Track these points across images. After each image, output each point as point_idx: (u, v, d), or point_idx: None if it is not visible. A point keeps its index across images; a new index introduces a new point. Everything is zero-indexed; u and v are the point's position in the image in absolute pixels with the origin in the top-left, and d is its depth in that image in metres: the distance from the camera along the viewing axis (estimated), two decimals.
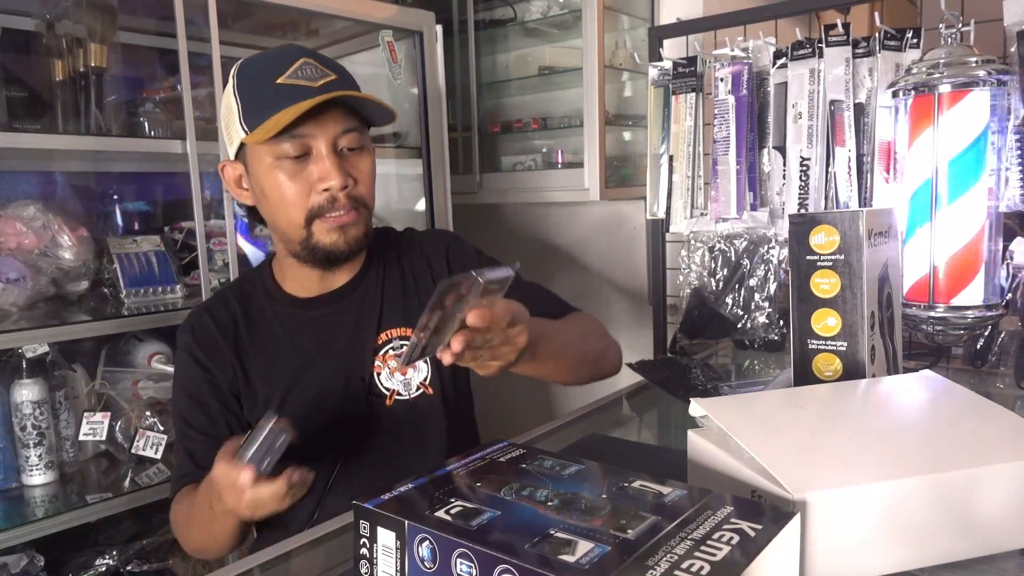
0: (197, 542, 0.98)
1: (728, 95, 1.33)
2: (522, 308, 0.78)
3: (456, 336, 0.70)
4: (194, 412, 1.01)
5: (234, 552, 1.00)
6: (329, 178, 0.93)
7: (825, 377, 0.83)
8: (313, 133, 0.93)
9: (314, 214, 0.95)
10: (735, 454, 0.62)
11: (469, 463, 0.64)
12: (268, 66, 0.94)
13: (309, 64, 0.94)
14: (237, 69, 0.97)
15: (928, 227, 1.03)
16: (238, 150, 0.98)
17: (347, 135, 0.95)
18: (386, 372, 1.03)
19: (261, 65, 0.95)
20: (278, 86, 0.92)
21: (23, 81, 1.50)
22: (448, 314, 0.68)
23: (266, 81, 0.93)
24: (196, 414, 1.01)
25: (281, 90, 0.91)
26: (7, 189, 1.63)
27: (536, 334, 0.84)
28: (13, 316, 1.36)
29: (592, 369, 1.08)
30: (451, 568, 0.50)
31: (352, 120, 0.96)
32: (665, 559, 0.46)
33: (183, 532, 0.99)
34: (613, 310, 2.22)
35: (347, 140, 0.95)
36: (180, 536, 1.00)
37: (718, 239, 1.41)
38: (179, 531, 0.99)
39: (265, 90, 0.92)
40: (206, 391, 1.01)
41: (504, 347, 0.77)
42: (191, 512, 0.94)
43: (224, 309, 1.05)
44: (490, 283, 0.69)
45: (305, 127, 0.92)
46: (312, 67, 0.94)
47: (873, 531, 0.56)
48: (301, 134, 0.92)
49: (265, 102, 0.92)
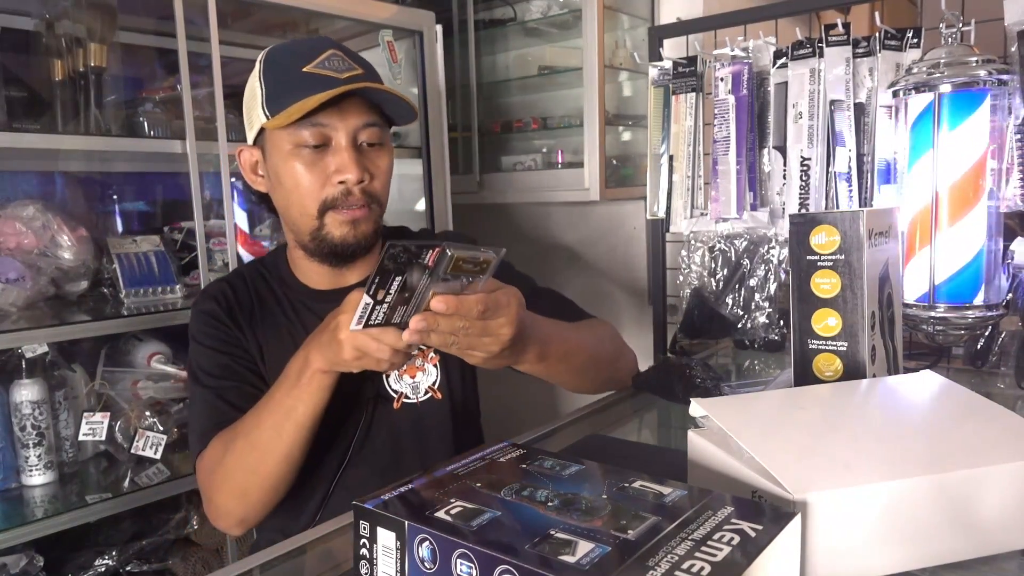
0: (246, 469, 0.88)
1: (728, 95, 1.33)
2: (511, 301, 0.76)
3: (416, 316, 0.69)
4: (223, 363, 0.99)
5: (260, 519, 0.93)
6: (346, 171, 0.93)
7: (825, 377, 0.83)
8: (334, 124, 0.92)
9: (328, 205, 0.94)
10: (735, 454, 0.62)
11: (469, 463, 0.64)
12: (296, 54, 0.94)
13: (337, 56, 0.94)
14: (264, 55, 0.97)
15: None
16: (257, 135, 0.98)
17: (367, 129, 0.95)
18: (395, 375, 1.02)
19: (289, 53, 0.95)
20: (304, 74, 0.92)
21: (23, 81, 1.50)
22: (414, 285, 0.66)
23: (292, 68, 0.93)
24: (226, 364, 0.98)
25: (306, 78, 0.91)
26: (6, 189, 1.63)
27: (543, 334, 0.84)
28: (12, 316, 1.36)
29: (605, 376, 1.08)
30: (451, 568, 0.50)
31: (374, 115, 0.96)
32: (665, 559, 0.46)
33: (228, 465, 0.89)
34: (613, 310, 2.22)
35: (367, 135, 0.95)
36: (219, 478, 0.90)
37: (718, 239, 1.41)
38: (219, 470, 0.90)
39: (290, 77, 0.92)
40: (235, 346, 1.00)
41: (484, 338, 0.75)
42: (242, 431, 0.88)
43: (244, 287, 1.05)
44: (463, 261, 0.66)
45: (327, 116, 0.91)
46: (339, 59, 0.94)
47: (874, 531, 0.56)
48: (322, 123, 0.92)
49: (289, 88, 0.91)
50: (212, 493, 0.92)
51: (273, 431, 0.86)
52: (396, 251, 0.62)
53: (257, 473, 0.88)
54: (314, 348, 0.82)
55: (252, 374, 0.99)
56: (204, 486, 0.93)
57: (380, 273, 0.63)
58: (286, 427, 0.85)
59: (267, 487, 0.89)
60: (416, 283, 0.66)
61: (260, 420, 0.87)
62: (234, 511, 0.92)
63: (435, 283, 0.68)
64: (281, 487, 0.90)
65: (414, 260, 0.64)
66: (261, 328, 1.02)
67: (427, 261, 0.65)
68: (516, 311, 0.76)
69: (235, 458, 0.89)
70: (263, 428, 0.86)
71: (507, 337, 0.76)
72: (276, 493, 0.91)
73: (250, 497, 0.90)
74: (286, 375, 0.86)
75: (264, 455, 0.87)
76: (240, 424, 0.90)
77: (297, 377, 0.84)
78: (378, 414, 1.01)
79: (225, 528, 0.95)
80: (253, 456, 0.88)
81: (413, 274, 0.65)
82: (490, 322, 0.74)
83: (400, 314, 0.69)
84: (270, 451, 0.87)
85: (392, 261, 0.63)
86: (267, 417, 0.86)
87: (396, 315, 0.69)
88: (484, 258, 0.69)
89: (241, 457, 0.88)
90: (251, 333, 1.01)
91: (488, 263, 0.70)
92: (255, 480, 0.89)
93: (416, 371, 1.03)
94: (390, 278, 0.64)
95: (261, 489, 0.89)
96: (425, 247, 0.64)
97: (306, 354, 0.83)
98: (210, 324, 1.01)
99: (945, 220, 1.02)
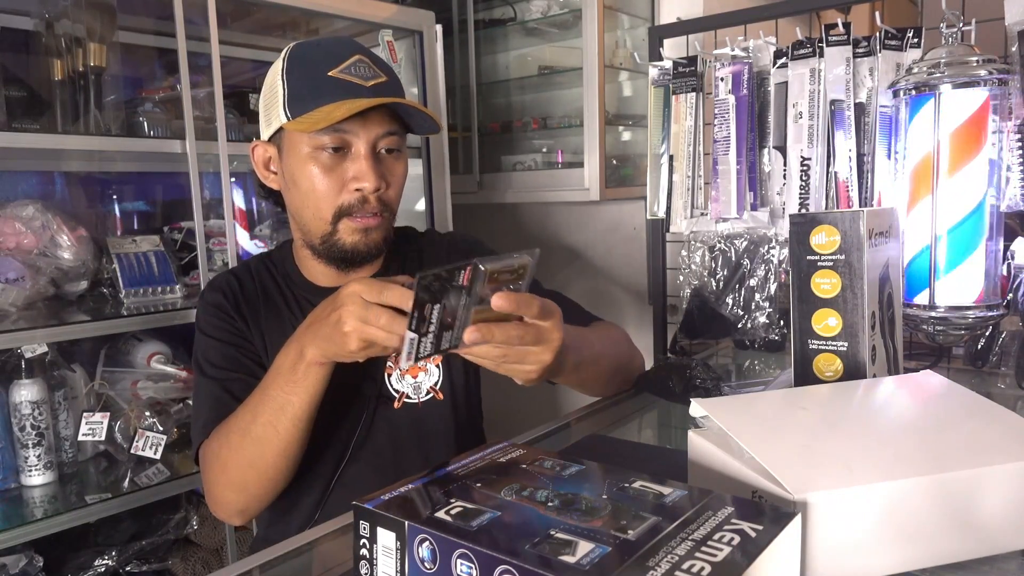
0: (244, 464, 0.88)
1: (728, 95, 1.33)
2: (554, 304, 0.74)
3: (469, 328, 0.66)
4: (229, 354, 0.98)
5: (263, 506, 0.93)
6: (364, 179, 0.92)
7: (826, 377, 0.83)
8: (355, 131, 0.92)
9: (343, 212, 0.94)
10: (735, 454, 0.62)
11: (469, 463, 0.64)
12: (321, 56, 0.93)
13: (363, 62, 0.93)
14: (288, 52, 0.96)
15: None
16: (273, 133, 0.97)
17: (387, 138, 0.94)
18: (396, 374, 1.02)
19: (314, 53, 0.94)
20: (329, 79, 0.91)
21: (22, 81, 1.50)
22: (455, 309, 0.64)
23: (318, 71, 0.92)
24: (232, 356, 0.98)
25: (332, 83, 0.91)
26: (6, 189, 1.63)
27: (574, 342, 0.81)
28: (12, 316, 1.36)
29: (621, 378, 1.08)
30: (451, 569, 0.50)
31: (394, 124, 0.95)
32: (666, 560, 0.46)
33: (227, 459, 0.89)
34: (613, 310, 2.22)
35: (387, 142, 0.95)
36: (218, 469, 0.90)
37: (718, 239, 1.41)
38: (218, 463, 0.90)
39: (315, 80, 0.91)
40: (240, 338, 1.00)
41: (536, 347, 0.72)
42: (237, 427, 0.88)
43: (250, 280, 1.05)
44: (498, 272, 0.64)
45: (348, 123, 0.91)
46: (365, 66, 0.93)
47: (874, 531, 0.56)
48: (344, 129, 0.91)
49: (313, 92, 0.91)
50: (212, 484, 0.92)
51: (269, 426, 0.85)
52: (428, 281, 0.60)
53: (255, 467, 0.88)
54: (309, 341, 0.81)
55: (257, 366, 0.99)
56: (204, 476, 0.93)
57: (418, 306, 0.61)
58: (282, 422, 0.85)
59: (266, 480, 0.89)
60: (456, 306, 0.64)
61: (255, 415, 0.86)
62: (234, 502, 0.92)
63: (475, 302, 0.65)
64: (280, 479, 0.90)
65: (448, 285, 0.62)
66: (265, 321, 1.02)
67: (462, 282, 0.63)
68: (561, 314, 0.75)
69: (232, 452, 0.88)
70: (258, 423, 0.86)
71: (558, 342, 0.74)
72: (276, 485, 0.90)
73: (249, 490, 0.90)
74: (278, 370, 0.85)
75: (261, 450, 0.86)
76: (235, 418, 0.89)
77: (291, 371, 0.83)
78: (379, 414, 1.01)
79: (225, 518, 0.95)
80: (250, 451, 0.87)
81: (451, 298, 0.63)
82: (543, 326, 0.72)
83: (448, 339, 0.66)
84: (267, 446, 0.86)
85: (427, 292, 0.61)
86: (262, 412, 0.85)
87: (444, 341, 0.66)
88: (519, 263, 0.67)
89: (238, 452, 0.88)
90: (255, 326, 1.01)
91: (524, 267, 0.68)
92: (253, 474, 0.88)
93: (418, 371, 1.03)
94: (427, 308, 0.62)
95: (260, 482, 0.89)
96: (457, 268, 0.62)
97: (300, 347, 0.82)
98: (216, 316, 1.01)
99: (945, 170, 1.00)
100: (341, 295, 0.76)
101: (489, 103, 2.39)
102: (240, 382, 0.96)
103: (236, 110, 1.66)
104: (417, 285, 0.60)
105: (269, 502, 0.92)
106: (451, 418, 1.04)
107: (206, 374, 0.98)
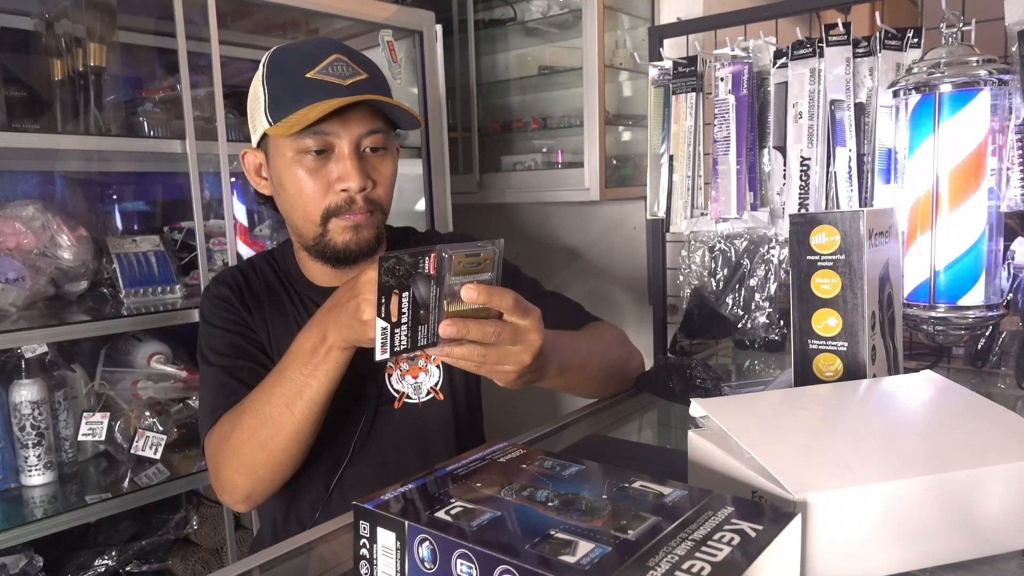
0: (255, 446, 0.86)
1: (728, 95, 1.33)
2: (533, 306, 0.75)
3: (444, 322, 0.67)
4: (235, 342, 0.98)
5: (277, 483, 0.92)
6: (348, 179, 0.92)
7: (826, 377, 0.83)
8: (337, 131, 0.92)
9: (331, 213, 0.94)
10: (735, 454, 0.62)
11: (469, 463, 0.64)
12: (299, 58, 0.93)
13: (341, 61, 0.93)
14: (268, 57, 0.96)
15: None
16: (260, 139, 0.97)
17: (371, 136, 0.94)
18: (397, 374, 1.02)
19: (293, 56, 0.94)
20: (306, 80, 0.91)
21: (22, 81, 1.50)
22: (425, 300, 0.64)
23: (295, 73, 0.92)
24: (238, 344, 0.98)
25: (309, 85, 0.90)
26: (6, 189, 1.63)
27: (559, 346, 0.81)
28: (12, 316, 1.36)
29: (617, 379, 1.08)
30: (451, 569, 0.50)
31: (377, 121, 0.94)
32: (666, 560, 0.46)
33: (236, 441, 0.88)
34: (613, 310, 2.22)
35: (371, 141, 0.94)
36: (227, 453, 0.89)
37: (718, 239, 1.41)
38: (227, 446, 0.89)
39: (293, 83, 0.91)
40: (246, 327, 1.00)
41: (515, 346, 0.73)
42: (250, 408, 0.87)
43: (255, 275, 1.05)
44: (464, 260, 0.64)
45: (329, 124, 0.91)
46: (344, 64, 0.93)
47: (874, 532, 0.56)
48: (325, 131, 0.91)
49: (291, 95, 0.91)
50: (219, 468, 0.91)
51: (284, 407, 0.85)
52: (390, 263, 0.61)
53: (265, 450, 0.87)
54: (332, 325, 0.80)
55: (263, 355, 0.99)
56: (212, 461, 0.92)
57: (382, 291, 0.61)
58: (298, 404, 0.84)
59: (275, 464, 0.88)
60: (426, 296, 0.64)
61: (271, 396, 0.85)
62: (241, 487, 0.90)
63: (446, 296, 0.66)
64: (289, 465, 0.89)
65: (413, 271, 0.62)
66: (270, 316, 1.02)
67: (427, 269, 0.63)
68: (540, 315, 0.76)
69: (244, 434, 0.87)
70: (273, 404, 0.85)
71: (537, 344, 0.74)
72: (284, 470, 0.90)
73: (258, 473, 0.89)
74: (296, 352, 0.85)
75: (274, 432, 0.85)
76: (248, 401, 0.89)
77: (311, 354, 0.83)
78: (379, 414, 1.01)
79: (231, 504, 0.94)
80: (263, 432, 0.86)
81: (420, 287, 0.63)
82: (521, 325, 0.73)
83: (424, 335, 0.67)
84: (280, 428, 0.85)
85: (390, 275, 0.61)
86: (278, 394, 0.85)
87: (420, 336, 0.67)
88: (484, 254, 0.68)
89: (250, 433, 0.87)
90: (260, 319, 1.01)
91: (490, 258, 0.69)
92: (263, 457, 0.87)
93: (418, 371, 1.03)
94: (393, 294, 0.62)
95: (269, 466, 0.88)
96: (421, 254, 0.62)
97: (322, 331, 0.82)
98: (222, 307, 1.01)
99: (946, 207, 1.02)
100: (360, 282, 0.76)
101: (489, 103, 2.39)
102: (246, 369, 0.96)
103: (236, 110, 1.66)
104: (379, 267, 0.60)
105: (275, 489, 0.92)
106: (451, 418, 1.04)
107: (211, 362, 0.98)
